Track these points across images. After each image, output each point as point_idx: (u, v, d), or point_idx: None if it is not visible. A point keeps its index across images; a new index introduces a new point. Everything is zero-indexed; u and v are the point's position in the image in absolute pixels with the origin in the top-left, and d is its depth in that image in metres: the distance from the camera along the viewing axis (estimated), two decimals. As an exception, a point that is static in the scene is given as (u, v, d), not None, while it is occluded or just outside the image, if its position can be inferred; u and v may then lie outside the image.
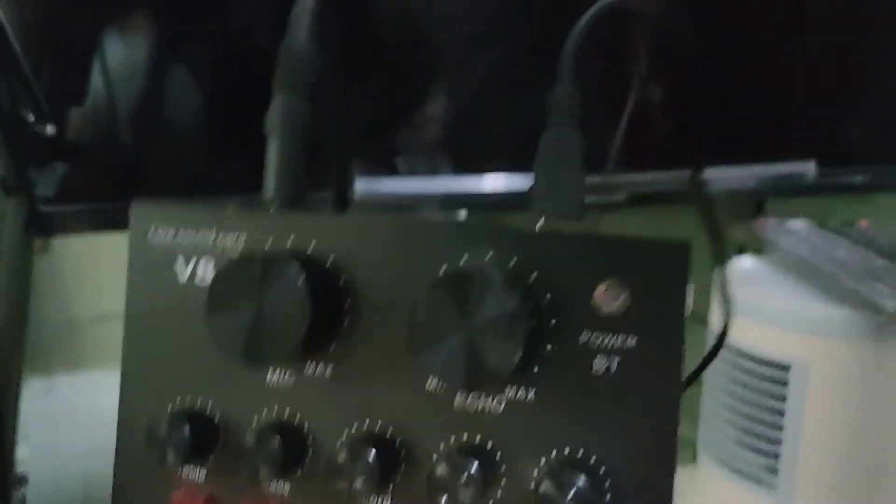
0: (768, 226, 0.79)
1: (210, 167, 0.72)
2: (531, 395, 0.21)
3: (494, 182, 0.75)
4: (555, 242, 0.21)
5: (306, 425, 0.23)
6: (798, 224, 0.79)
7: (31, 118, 0.60)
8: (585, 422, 0.21)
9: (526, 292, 0.20)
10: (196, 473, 0.25)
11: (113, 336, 0.81)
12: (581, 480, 0.20)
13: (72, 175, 0.63)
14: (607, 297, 0.20)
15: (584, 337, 0.21)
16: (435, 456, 0.22)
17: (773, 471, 0.68)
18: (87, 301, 0.81)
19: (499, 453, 0.21)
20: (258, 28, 0.70)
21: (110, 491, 0.26)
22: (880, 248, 0.72)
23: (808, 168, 0.79)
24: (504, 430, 0.21)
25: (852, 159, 0.82)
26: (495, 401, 0.21)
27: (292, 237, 0.23)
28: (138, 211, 0.24)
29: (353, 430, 0.22)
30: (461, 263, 0.21)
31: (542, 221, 0.22)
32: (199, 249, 0.24)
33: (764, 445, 0.68)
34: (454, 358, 0.19)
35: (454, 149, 0.74)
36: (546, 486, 0.20)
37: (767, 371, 0.66)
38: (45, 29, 0.63)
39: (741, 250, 0.85)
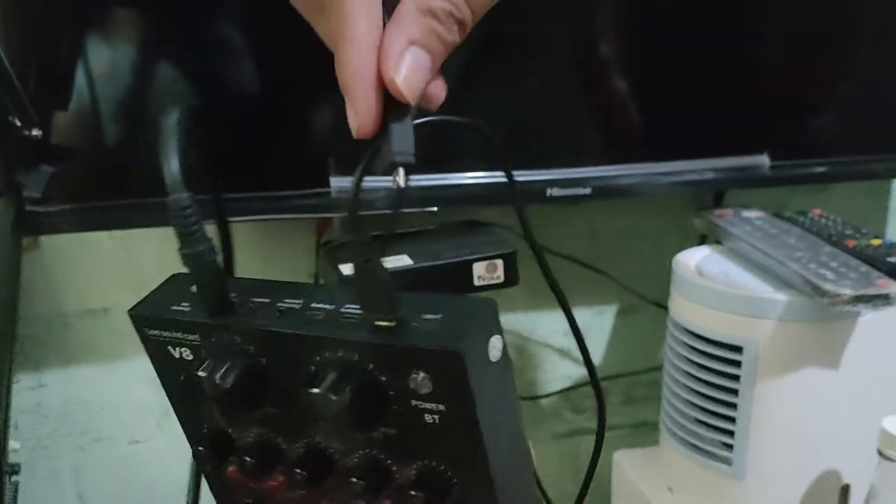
0: (725, 215, 0.82)
1: (193, 166, 0.75)
2: (394, 431, 0.32)
3: (467, 179, 0.79)
4: (377, 348, 0.31)
5: (275, 440, 0.36)
6: (753, 213, 0.83)
7: (18, 123, 0.63)
8: (432, 447, 0.32)
9: (364, 375, 0.31)
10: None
11: (100, 331, 0.85)
12: (437, 478, 0.32)
13: (57, 177, 0.66)
14: (418, 382, 0.29)
15: (413, 403, 0.30)
16: (350, 464, 0.34)
17: (729, 447, 0.71)
18: (75, 297, 0.84)
19: (388, 461, 0.33)
20: (240, 29, 0.73)
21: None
22: (829, 235, 0.76)
23: (762, 161, 0.83)
24: (387, 449, 0.32)
25: (806, 152, 0.86)
26: (376, 433, 0.32)
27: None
28: None
29: (300, 443, 0.35)
30: (327, 360, 0.32)
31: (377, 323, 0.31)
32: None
33: (720, 423, 0.72)
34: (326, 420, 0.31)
35: (428, 148, 0.77)
36: (416, 482, 0.32)
37: (722, 353, 0.70)
38: (30, 36, 0.66)
39: (702, 239, 0.89)
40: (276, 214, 0.74)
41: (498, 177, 0.79)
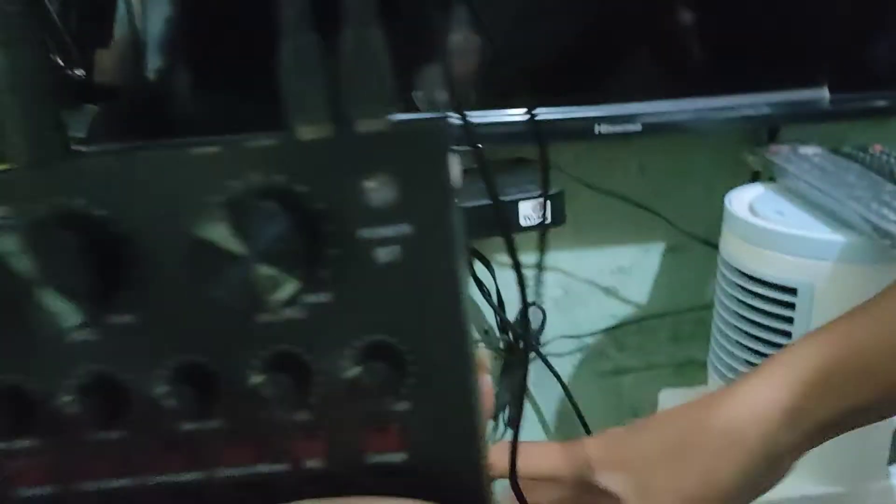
0: (780, 152, 0.80)
1: (235, 106, 0.74)
2: (327, 297, 0.22)
3: (512, 116, 0.76)
4: (316, 151, 0.21)
5: (119, 375, 0.23)
6: (810, 150, 0.80)
7: (61, 62, 0.62)
8: (381, 310, 0.22)
9: (295, 207, 0.21)
10: (25, 448, 0.24)
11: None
12: (385, 362, 0.22)
13: (101, 116, 0.65)
14: (375, 192, 0.21)
15: (361, 233, 0.22)
16: (248, 372, 0.23)
17: (780, 390, 0.70)
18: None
19: (308, 356, 0.23)
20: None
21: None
22: (891, 172, 0.73)
23: (822, 94, 0.79)
24: (309, 334, 0.23)
25: (866, 84, 0.82)
26: (295, 310, 0.22)
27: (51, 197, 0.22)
28: None
29: (166, 367, 0.23)
30: (229, 191, 0.21)
31: (311, 131, 0.22)
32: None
33: (771, 366, 0.70)
34: (237, 288, 0.20)
35: (472, 84, 0.75)
36: (354, 373, 0.22)
37: (775, 295, 0.68)
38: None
39: (755, 177, 0.86)
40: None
41: (545, 114, 0.77)
